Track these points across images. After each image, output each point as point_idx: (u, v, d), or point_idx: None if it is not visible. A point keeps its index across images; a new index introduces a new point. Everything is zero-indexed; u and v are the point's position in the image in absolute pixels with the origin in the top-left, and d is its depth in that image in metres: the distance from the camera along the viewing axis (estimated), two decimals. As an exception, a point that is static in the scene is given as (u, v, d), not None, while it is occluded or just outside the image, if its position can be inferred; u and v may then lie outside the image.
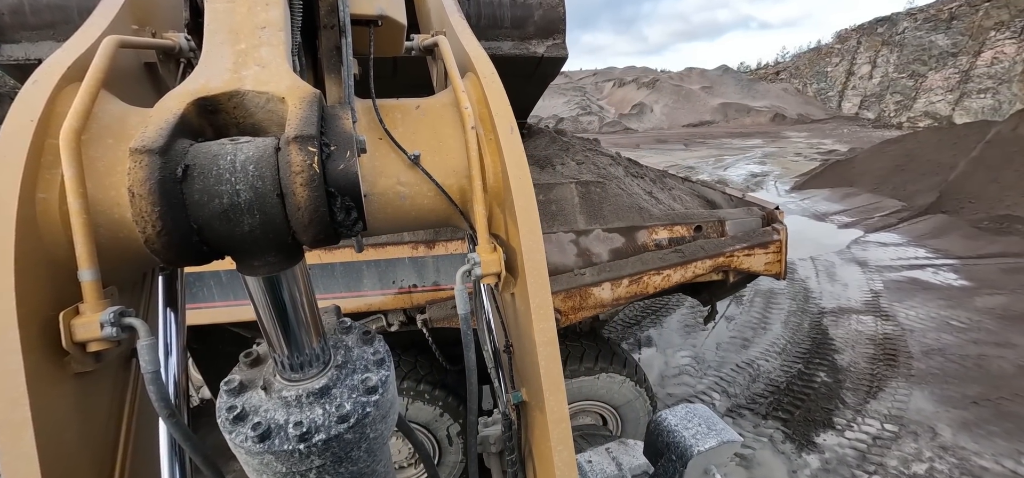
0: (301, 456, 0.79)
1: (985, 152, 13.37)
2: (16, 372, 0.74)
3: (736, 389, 5.51)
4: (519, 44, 3.43)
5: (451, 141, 1.09)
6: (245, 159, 0.67)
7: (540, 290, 1.03)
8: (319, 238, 0.71)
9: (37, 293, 0.78)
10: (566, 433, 1.03)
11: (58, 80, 0.86)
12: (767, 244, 3.36)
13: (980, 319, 6.86)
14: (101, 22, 1.06)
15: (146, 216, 0.63)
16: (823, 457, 4.45)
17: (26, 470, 0.74)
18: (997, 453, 4.40)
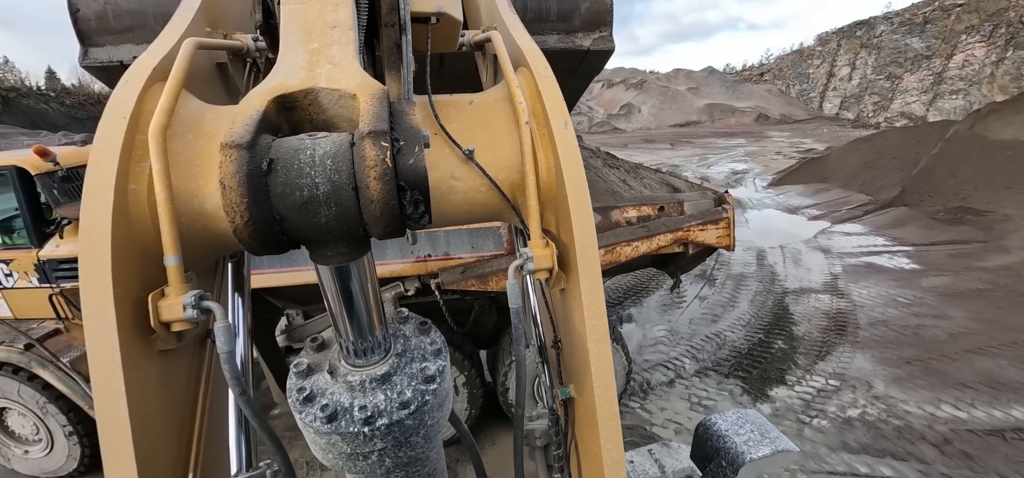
0: (365, 438, 0.82)
1: (945, 149, 14.36)
2: (112, 347, 0.81)
3: (704, 355, 6.28)
4: (565, 37, 3.39)
5: (504, 136, 1.10)
6: (323, 154, 0.69)
7: (593, 287, 1.02)
8: (388, 230, 0.73)
9: (129, 276, 0.85)
10: (616, 431, 1.02)
11: (145, 80, 0.93)
12: (718, 220, 4.11)
13: (924, 296, 7.72)
14: (180, 25, 1.14)
15: (235, 207, 0.66)
16: (774, 405, 5.23)
17: (120, 436, 0.80)
18: (920, 400, 5.20)
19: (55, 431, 4.50)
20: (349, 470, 0.89)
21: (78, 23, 2.74)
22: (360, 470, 0.88)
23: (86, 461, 4.63)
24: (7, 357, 4.21)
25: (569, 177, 1.01)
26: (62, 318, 4.60)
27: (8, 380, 4.30)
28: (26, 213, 4.43)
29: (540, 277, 1.09)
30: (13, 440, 4.73)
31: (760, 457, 1.64)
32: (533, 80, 1.13)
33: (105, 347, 0.81)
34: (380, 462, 0.87)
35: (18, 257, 4.51)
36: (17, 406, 4.46)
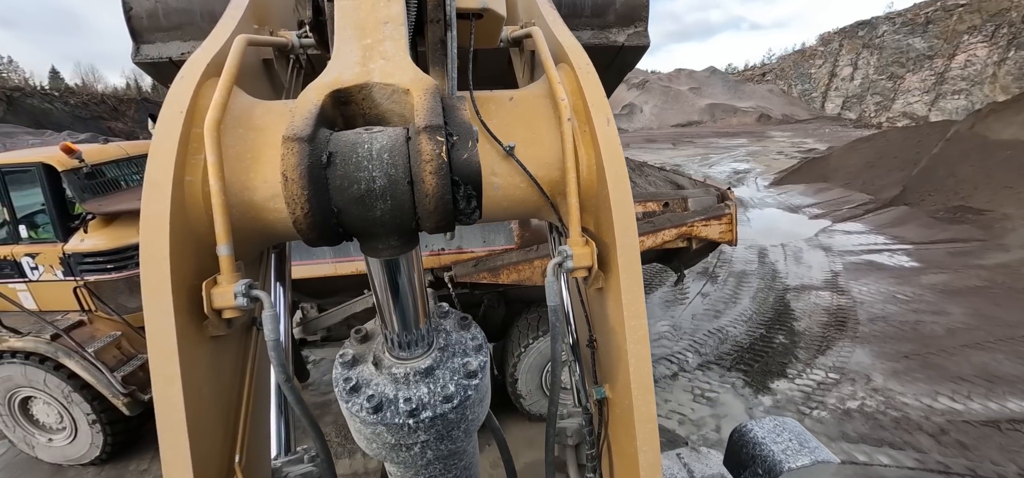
0: (409, 430, 0.84)
1: (945, 149, 14.47)
2: (170, 331, 0.84)
3: (706, 349, 6.42)
4: (599, 33, 3.27)
5: (545, 133, 1.09)
6: (380, 148, 0.70)
7: (633, 287, 1.01)
8: (441, 224, 0.73)
9: (184, 264, 0.88)
10: (653, 433, 1.01)
11: (200, 76, 0.97)
12: (721, 216, 4.25)
13: (923, 293, 7.85)
14: (230, 23, 1.18)
15: (296, 198, 0.67)
16: (775, 397, 5.37)
17: (174, 417, 0.84)
18: (917, 393, 5.34)
19: (79, 419, 4.66)
20: (391, 460, 0.91)
21: (131, 21, 2.80)
22: (402, 461, 0.90)
23: (108, 449, 4.78)
24: (35, 347, 4.37)
25: (612, 175, 1.00)
26: (86, 310, 4.76)
27: (35, 369, 4.45)
28: (52, 208, 4.59)
29: (578, 276, 1.08)
30: (38, 428, 4.89)
31: (799, 467, 1.59)
32: (575, 76, 1.12)
33: (163, 331, 0.85)
34: (422, 454, 0.88)
35: (44, 251, 4.67)
36: (43, 395, 4.62)
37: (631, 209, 1.00)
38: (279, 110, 1.03)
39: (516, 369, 4.69)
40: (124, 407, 4.43)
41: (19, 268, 4.74)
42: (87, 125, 48.16)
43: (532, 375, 4.73)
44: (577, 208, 1.05)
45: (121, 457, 4.99)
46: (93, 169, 4.82)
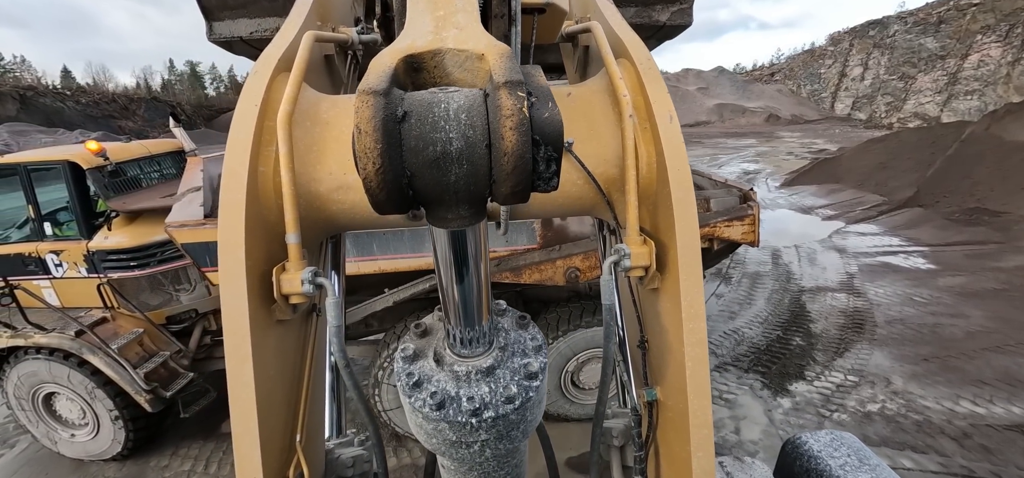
0: (471, 429, 0.84)
1: (960, 150, 14.30)
2: (243, 313, 0.88)
3: (723, 351, 6.39)
4: (642, 10, 3.23)
5: (604, 129, 1.06)
6: (458, 108, 0.66)
7: (693, 288, 0.98)
8: (517, 188, 0.68)
9: (257, 250, 0.92)
10: (708, 439, 0.99)
11: (272, 71, 0.99)
12: (743, 217, 4.22)
13: (940, 296, 7.76)
14: (297, 20, 1.20)
15: (369, 152, 0.62)
16: (794, 400, 5.33)
17: (245, 394, 0.89)
18: (938, 396, 5.28)
19: (102, 415, 4.71)
20: (449, 456, 0.90)
21: (202, 1, 2.90)
22: (460, 458, 0.89)
23: (130, 445, 4.83)
24: (59, 343, 4.41)
25: (674, 173, 0.97)
26: (109, 307, 4.81)
27: (59, 365, 4.50)
28: (77, 206, 4.64)
29: (635, 275, 1.05)
30: (61, 424, 4.95)
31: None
32: (636, 72, 1.07)
33: (237, 313, 0.89)
34: (481, 452, 0.88)
35: (68, 248, 4.72)
36: (66, 391, 4.67)
37: (693, 209, 0.97)
38: (344, 105, 1.05)
39: (535, 369, 4.68)
40: (146, 403, 4.46)
41: (44, 265, 4.79)
42: (98, 124, 48.65)
43: (551, 376, 4.72)
44: (635, 207, 1.02)
45: (142, 453, 5.04)
46: (117, 167, 4.87)
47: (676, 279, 0.98)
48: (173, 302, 5.03)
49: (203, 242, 3.86)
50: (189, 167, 4.54)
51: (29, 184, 4.64)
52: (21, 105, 47.30)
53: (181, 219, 3.88)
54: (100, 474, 4.88)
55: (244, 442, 0.89)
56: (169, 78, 78.02)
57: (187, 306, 5.07)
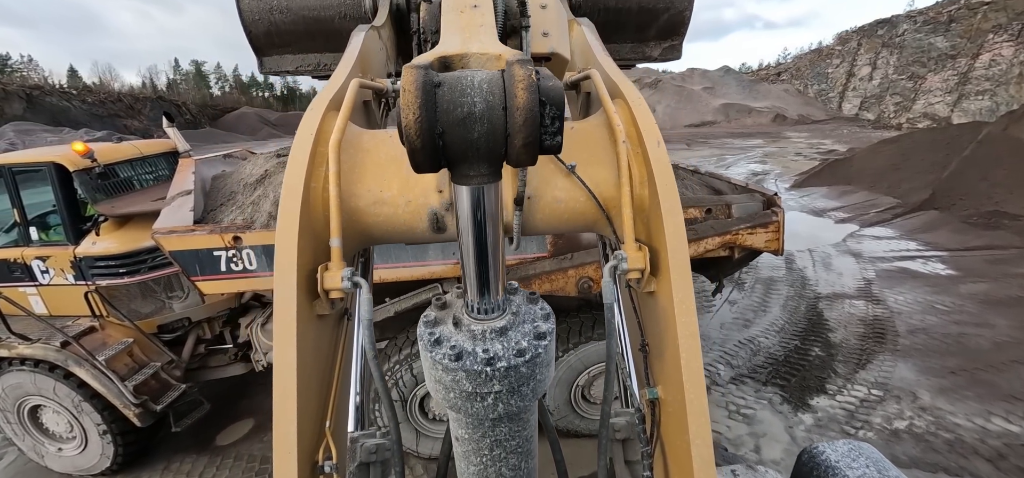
0: (486, 378, 0.91)
1: (976, 152, 13.94)
2: (292, 305, 1.03)
3: (738, 361, 6.12)
4: (637, 46, 3.59)
5: (602, 156, 1.26)
6: (481, 80, 0.81)
7: (684, 286, 1.10)
8: (529, 140, 0.80)
9: (306, 251, 1.09)
10: (706, 427, 1.07)
11: (324, 109, 1.23)
12: (767, 224, 3.95)
13: (963, 303, 7.46)
14: (345, 69, 1.49)
15: (410, 106, 0.76)
16: (816, 416, 5.06)
17: (288, 378, 1.02)
18: (969, 412, 5.00)
19: (89, 429, 4.49)
20: (464, 412, 0.97)
21: (252, 41, 3.42)
22: (474, 413, 0.96)
23: (119, 460, 4.62)
24: (44, 355, 4.20)
25: (662, 187, 1.13)
26: (97, 316, 4.59)
27: (44, 377, 4.29)
28: (63, 210, 4.43)
29: (632, 277, 1.18)
30: (48, 437, 4.74)
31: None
32: (628, 108, 1.27)
33: (287, 304, 1.03)
34: (493, 406, 0.94)
35: (54, 254, 4.51)
36: (52, 403, 4.46)
37: (681, 216, 1.12)
38: (381, 137, 1.30)
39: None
40: (135, 418, 4.25)
41: (29, 271, 4.58)
42: (104, 123, 48.84)
43: (561, 390, 4.47)
44: (631, 218, 1.18)
45: (133, 468, 4.82)
46: (106, 169, 4.65)
47: (668, 280, 1.11)
48: (165, 310, 4.81)
49: (193, 249, 3.63)
50: (180, 169, 4.32)
51: (14, 187, 4.43)
52: (28, 104, 47.49)
53: (170, 225, 3.65)
54: (88, 490, 4.67)
55: (283, 420, 1.01)
56: (174, 77, 78.37)
57: (180, 314, 4.85)
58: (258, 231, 3.66)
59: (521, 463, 1.12)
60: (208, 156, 4.86)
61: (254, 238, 3.65)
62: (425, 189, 1.30)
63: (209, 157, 4.82)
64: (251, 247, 3.68)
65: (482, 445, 1.06)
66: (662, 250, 1.13)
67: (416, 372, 4.27)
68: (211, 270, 3.70)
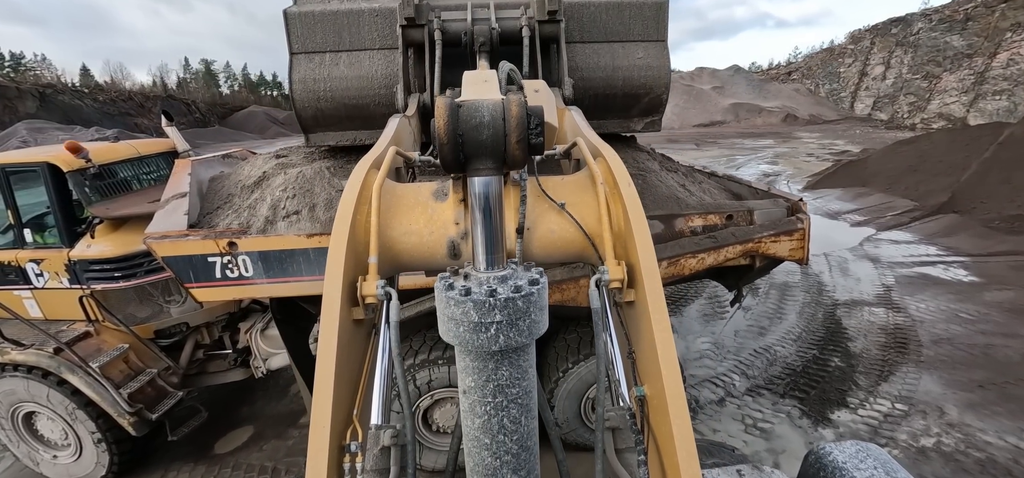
0: (489, 308, 1.04)
1: (998, 153, 13.53)
2: (336, 309, 1.28)
3: (754, 371, 5.88)
4: (623, 122, 4.45)
5: (587, 199, 1.61)
6: (488, 102, 1.19)
7: (655, 291, 1.34)
8: (520, 138, 1.16)
9: (349, 266, 1.38)
10: (684, 414, 1.24)
11: (368, 167, 1.63)
12: (792, 232, 3.73)
13: (988, 312, 7.16)
14: (383, 142, 2.01)
15: (441, 116, 1.13)
16: (837, 431, 4.82)
17: (327, 372, 1.23)
18: (1000, 430, 4.73)
19: (84, 437, 4.37)
20: (470, 346, 1.09)
21: (302, 122, 4.16)
22: (479, 344, 1.07)
23: (114, 469, 4.48)
24: (36, 361, 4.08)
25: (634, 218, 1.43)
26: (92, 321, 4.46)
27: (38, 384, 4.17)
28: (57, 211, 4.30)
29: (614, 287, 1.44)
30: (42, 444, 4.62)
31: None
32: (607, 165, 1.64)
33: (333, 307, 1.28)
34: (495, 338, 1.06)
35: (49, 256, 4.39)
36: (46, 410, 4.33)
37: (650, 238, 1.41)
38: (412, 187, 1.70)
39: (553, 396, 4.25)
40: (130, 426, 4.11)
41: (24, 274, 4.46)
42: (115, 121, 49.23)
43: (570, 402, 4.28)
44: (610, 240, 1.48)
45: (128, 476, 4.68)
46: (102, 169, 4.52)
47: (644, 289, 1.36)
48: (162, 315, 4.67)
49: (186, 255, 3.47)
50: (176, 171, 4.17)
51: (8, 187, 4.31)
52: (40, 103, 47.95)
53: (163, 229, 3.50)
54: (83, 499, 4.54)
55: (320, 404, 1.19)
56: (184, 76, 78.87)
57: (177, 319, 4.71)
58: (254, 237, 3.49)
59: (522, 417, 1.21)
60: (206, 156, 4.71)
61: (250, 244, 3.49)
62: (445, 222, 1.61)
63: (207, 157, 4.67)
64: (247, 253, 3.52)
65: (486, 391, 1.15)
66: (636, 265, 1.39)
67: (419, 384, 4.10)
68: (205, 277, 3.55)
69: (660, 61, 4.30)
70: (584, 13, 4.15)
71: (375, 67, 4.08)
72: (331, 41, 4.05)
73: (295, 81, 4.03)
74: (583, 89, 4.09)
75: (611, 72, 4.22)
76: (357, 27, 4.05)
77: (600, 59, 4.20)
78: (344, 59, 4.07)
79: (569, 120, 2.68)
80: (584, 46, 4.20)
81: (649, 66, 4.27)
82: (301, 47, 4.03)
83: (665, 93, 4.40)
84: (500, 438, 1.19)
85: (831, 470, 1.67)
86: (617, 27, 4.23)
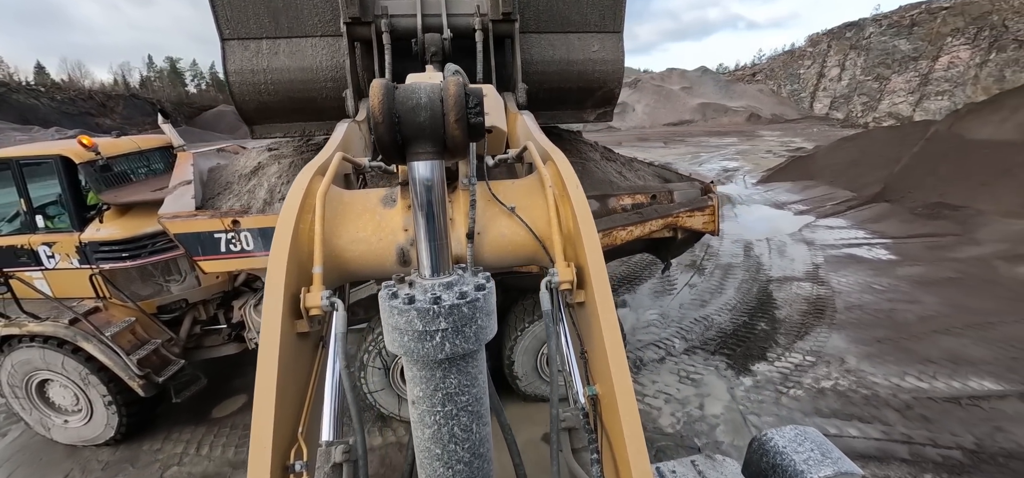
0: (433, 315, 1.01)
1: (925, 148, 14.94)
2: (277, 320, 1.23)
3: (692, 335, 6.76)
4: (576, 112, 4.55)
5: (537, 202, 1.67)
6: (426, 84, 1.10)
7: (603, 290, 1.39)
8: (459, 118, 1.06)
9: (292, 276, 1.34)
10: (633, 410, 1.28)
11: (312, 174, 1.62)
12: (704, 207, 4.55)
13: (898, 284, 8.24)
14: (330, 148, 1.94)
15: (376, 96, 1.02)
16: (755, 378, 5.71)
17: (268, 382, 1.19)
18: (887, 373, 5.70)
19: (95, 400, 4.88)
20: (416, 356, 1.05)
21: (244, 115, 4.15)
22: (425, 353, 1.04)
23: (123, 429, 5.00)
24: (54, 331, 4.58)
25: (582, 220, 1.49)
26: (101, 297, 4.97)
27: (53, 353, 4.67)
28: (69, 199, 4.80)
29: (564, 288, 1.50)
30: (54, 410, 5.10)
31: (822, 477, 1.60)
32: (557, 168, 1.72)
33: (273, 320, 1.25)
34: (441, 345, 1.03)
35: (60, 240, 4.88)
36: (60, 378, 4.83)
37: (598, 241, 1.48)
38: (359, 194, 1.72)
39: (512, 352, 4.97)
40: (140, 388, 4.65)
41: (36, 256, 4.94)
42: (75, 121, 47.51)
43: (528, 357, 5.02)
44: (560, 243, 1.53)
45: (135, 438, 5.21)
46: (107, 161, 5.03)
47: (592, 289, 1.41)
48: (164, 292, 5.21)
49: (195, 232, 4.06)
50: (180, 162, 4.73)
51: (21, 178, 4.79)
52: (-6, 102, 45.91)
53: (174, 210, 4.08)
54: (94, 458, 5.04)
55: (260, 422, 1.17)
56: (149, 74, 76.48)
57: (177, 296, 5.26)
58: (254, 216, 4.11)
59: (473, 423, 1.16)
60: (203, 150, 5.26)
61: (251, 222, 4.10)
62: (394, 229, 1.59)
63: (204, 151, 5.22)
64: (248, 230, 4.13)
65: (434, 400, 1.11)
66: (585, 266, 1.43)
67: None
68: (212, 251, 4.14)
69: (615, 55, 4.35)
70: (540, 1, 4.05)
71: (319, 57, 3.84)
72: (267, 27, 3.74)
73: (231, 72, 3.80)
74: (539, 82, 4.09)
75: (567, 65, 4.22)
76: (295, 10, 3.77)
77: (556, 52, 4.20)
78: (284, 47, 3.82)
79: (521, 125, 2.69)
80: (540, 37, 4.17)
81: (604, 60, 4.31)
82: (233, 33, 3.76)
83: (618, 87, 4.48)
84: (452, 447, 1.15)
85: (773, 454, 1.73)
86: (574, 16, 4.15)
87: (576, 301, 1.55)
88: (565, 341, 1.76)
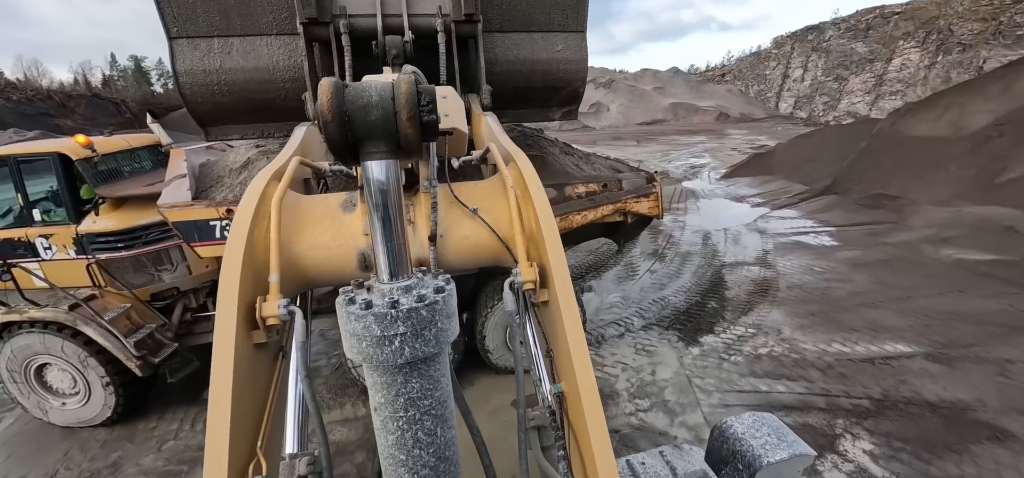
0: (391, 320, 0.99)
1: (871, 144, 16.12)
2: (232, 330, 1.20)
3: (649, 314, 7.43)
4: (542, 111, 4.64)
5: (500, 202, 1.67)
6: (378, 84, 1.07)
7: (565, 289, 1.38)
8: (411, 115, 1.04)
9: (247, 285, 1.30)
10: (597, 406, 1.27)
11: (268, 179, 1.56)
12: (648, 194, 5.19)
13: (836, 266, 9.11)
14: (288, 152, 1.83)
15: (325, 95, 1.00)
16: (702, 348, 6.40)
17: (223, 396, 1.14)
18: (816, 341, 6.46)
19: (93, 382, 5.22)
20: (375, 362, 1.02)
21: (196, 117, 4.09)
22: (384, 358, 1.00)
23: (120, 409, 5.35)
24: (55, 316, 4.91)
25: (544, 221, 1.50)
26: (97, 286, 5.32)
27: (53, 338, 4.99)
28: (66, 194, 5.14)
29: (527, 288, 1.50)
30: (52, 394, 5.41)
31: (778, 460, 1.66)
32: (519, 169, 1.75)
33: (228, 329, 1.19)
34: (400, 350, 1.00)
35: (57, 232, 5.21)
36: (58, 362, 5.15)
37: (559, 241, 1.49)
38: (317, 199, 1.71)
39: (484, 327, 5.52)
40: (137, 369, 5.02)
41: (33, 248, 5.25)
42: (33, 122, 45.70)
43: (497, 331, 5.57)
44: (523, 244, 1.55)
45: (131, 418, 5.55)
46: (102, 158, 5.38)
47: (555, 289, 1.43)
48: (156, 281, 5.58)
49: (192, 220, 4.48)
50: (173, 157, 5.11)
51: (18, 174, 5.10)
52: (-54, 104, 43.82)
53: (171, 201, 4.49)
54: (91, 438, 5.37)
55: (215, 436, 1.11)
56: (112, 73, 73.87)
57: (169, 284, 5.63)
58: (247, 204, 4.54)
59: (437, 427, 1.14)
60: (193, 147, 5.65)
61: (243, 210, 4.53)
62: (354, 234, 1.55)
63: (195, 148, 5.61)
64: (241, 218, 4.56)
65: (396, 405, 1.08)
66: (548, 266, 1.44)
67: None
68: (208, 237, 4.57)
69: (579, 54, 4.45)
70: (504, 0, 4.03)
71: (275, 57, 3.67)
72: (218, 24, 3.54)
73: (180, 72, 3.61)
74: (503, 82, 4.10)
75: (531, 65, 4.24)
76: (247, 8, 3.59)
77: (520, 51, 4.23)
78: (237, 46, 3.64)
79: (485, 126, 2.67)
80: (504, 36, 4.17)
81: (568, 59, 4.36)
82: (181, 31, 3.56)
83: (582, 86, 4.65)
84: (416, 453, 1.12)
85: (733, 441, 1.78)
86: (538, 16, 4.15)
87: (540, 300, 1.55)
88: (532, 339, 1.73)
